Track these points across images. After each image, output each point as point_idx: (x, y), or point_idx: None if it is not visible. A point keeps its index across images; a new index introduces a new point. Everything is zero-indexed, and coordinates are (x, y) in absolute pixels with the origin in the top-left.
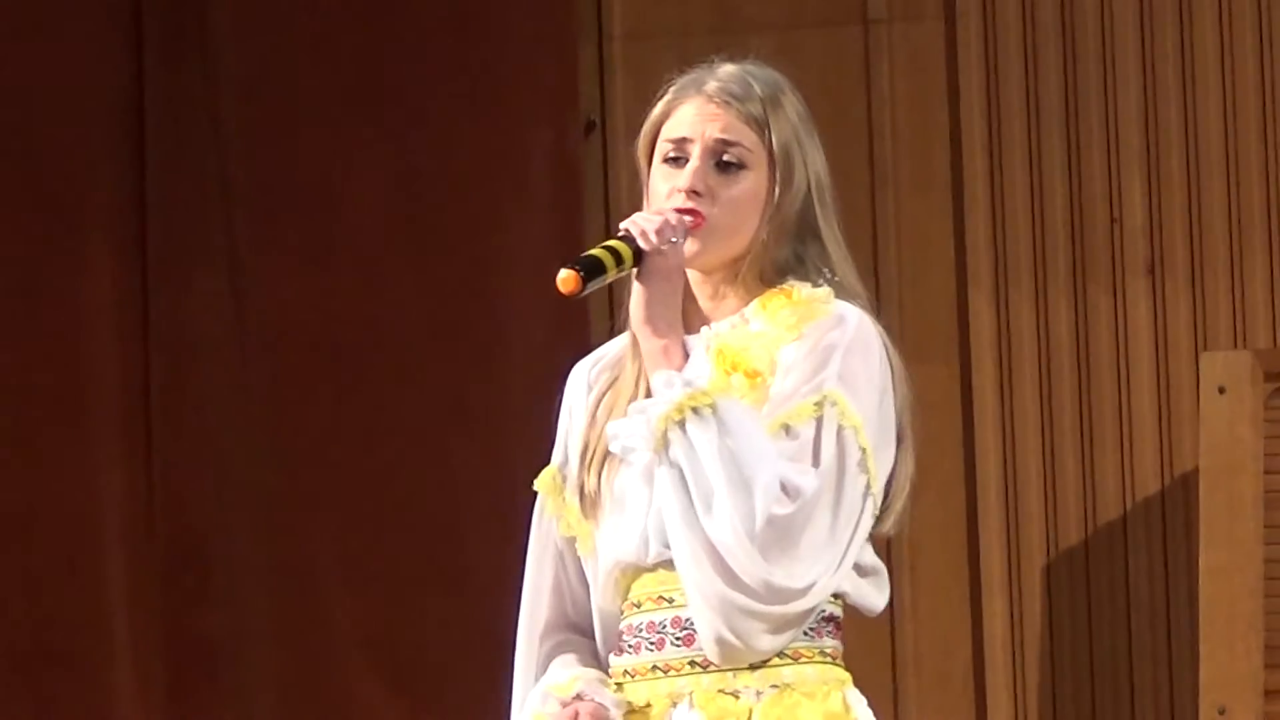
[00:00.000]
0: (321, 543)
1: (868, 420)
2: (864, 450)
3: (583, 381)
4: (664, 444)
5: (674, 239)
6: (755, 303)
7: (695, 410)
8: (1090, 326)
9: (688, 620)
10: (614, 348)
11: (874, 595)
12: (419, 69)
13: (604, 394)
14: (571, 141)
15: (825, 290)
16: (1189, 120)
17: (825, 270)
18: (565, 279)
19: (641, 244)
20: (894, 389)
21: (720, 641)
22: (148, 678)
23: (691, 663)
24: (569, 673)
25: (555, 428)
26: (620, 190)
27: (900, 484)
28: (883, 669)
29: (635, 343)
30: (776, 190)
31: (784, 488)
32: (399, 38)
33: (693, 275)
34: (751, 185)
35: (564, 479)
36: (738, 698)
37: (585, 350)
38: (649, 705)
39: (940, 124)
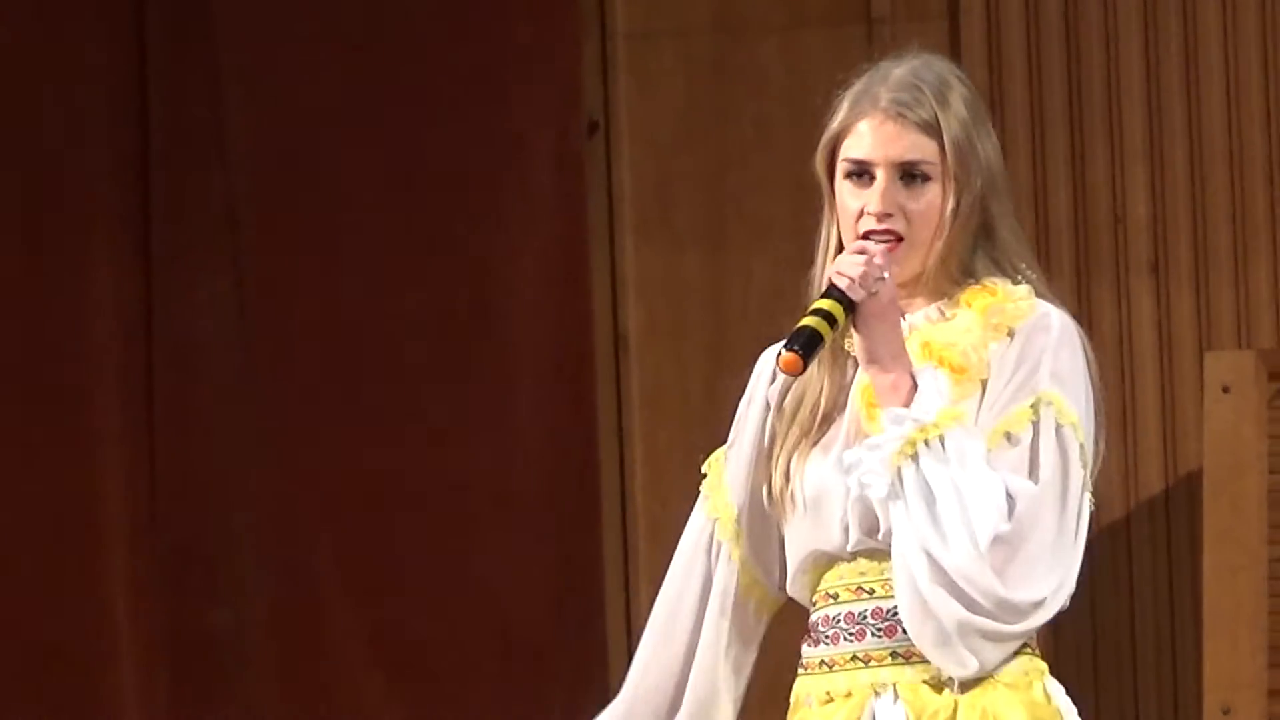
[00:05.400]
0: (325, 541)
1: (1082, 416)
2: (1081, 446)
3: (767, 370)
4: (899, 479)
5: (882, 275)
6: (958, 298)
7: (926, 444)
8: (1094, 325)
9: (890, 611)
10: None
11: None
12: (422, 68)
13: (790, 384)
14: (574, 141)
15: (1026, 288)
16: (1193, 118)
17: (1020, 265)
18: (788, 361)
19: (851, 296)
20: (1094, 384)
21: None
22: (151, 676)
23: (893, 654)
24: None
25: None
26: (623, 190)
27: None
28: None
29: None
30: (955, 192)
31: (1009, 504)
32: (402, 37)
33: None
34: (937, 193)
35: (727, 460)
36: (940, 690)
37: (588, 350)
38: (850, 694)
39: None
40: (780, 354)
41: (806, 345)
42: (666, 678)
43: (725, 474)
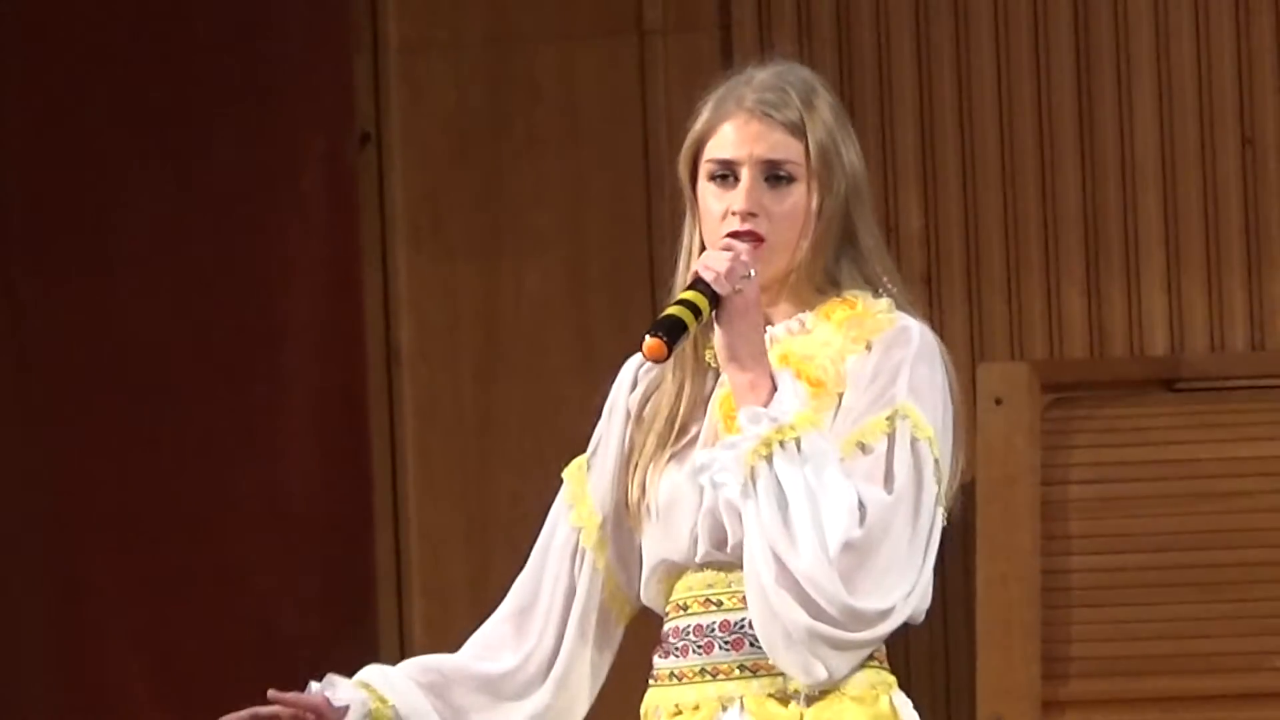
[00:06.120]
0: (97, 555)
1: (938, 431)
2: (936, 460)
3: (629, 379)
4: (752, 479)
5: (748, 274)
6: (818, 311)
7: (782, 444)
8: None
9: (737, 624)
10: None
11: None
12: (193, 80)
13: (650, 393)
14: (346, 153)
15: (886, 301)
16: (965, 131)
17: (881, 277)
18: (651, 347)
19: (717, 289)
20: (953, 399)
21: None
22: None
23: (741, 666)
24: (387, 671)
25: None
26: (395, 201)
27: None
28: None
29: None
30: (818, 196)
31: (860, 512)
32: (174, 48)
33: None
34: (802, 195)
35: (589, 468)
36: (787, 703)
37: (361, 362)
38: (698, 707)
39: None
40: (644, 339)
41: (670, 331)
42: (524, 675)
43: (589, 483)
